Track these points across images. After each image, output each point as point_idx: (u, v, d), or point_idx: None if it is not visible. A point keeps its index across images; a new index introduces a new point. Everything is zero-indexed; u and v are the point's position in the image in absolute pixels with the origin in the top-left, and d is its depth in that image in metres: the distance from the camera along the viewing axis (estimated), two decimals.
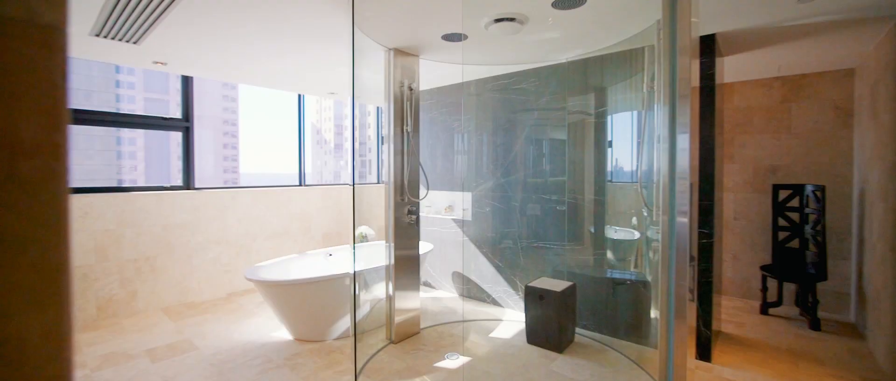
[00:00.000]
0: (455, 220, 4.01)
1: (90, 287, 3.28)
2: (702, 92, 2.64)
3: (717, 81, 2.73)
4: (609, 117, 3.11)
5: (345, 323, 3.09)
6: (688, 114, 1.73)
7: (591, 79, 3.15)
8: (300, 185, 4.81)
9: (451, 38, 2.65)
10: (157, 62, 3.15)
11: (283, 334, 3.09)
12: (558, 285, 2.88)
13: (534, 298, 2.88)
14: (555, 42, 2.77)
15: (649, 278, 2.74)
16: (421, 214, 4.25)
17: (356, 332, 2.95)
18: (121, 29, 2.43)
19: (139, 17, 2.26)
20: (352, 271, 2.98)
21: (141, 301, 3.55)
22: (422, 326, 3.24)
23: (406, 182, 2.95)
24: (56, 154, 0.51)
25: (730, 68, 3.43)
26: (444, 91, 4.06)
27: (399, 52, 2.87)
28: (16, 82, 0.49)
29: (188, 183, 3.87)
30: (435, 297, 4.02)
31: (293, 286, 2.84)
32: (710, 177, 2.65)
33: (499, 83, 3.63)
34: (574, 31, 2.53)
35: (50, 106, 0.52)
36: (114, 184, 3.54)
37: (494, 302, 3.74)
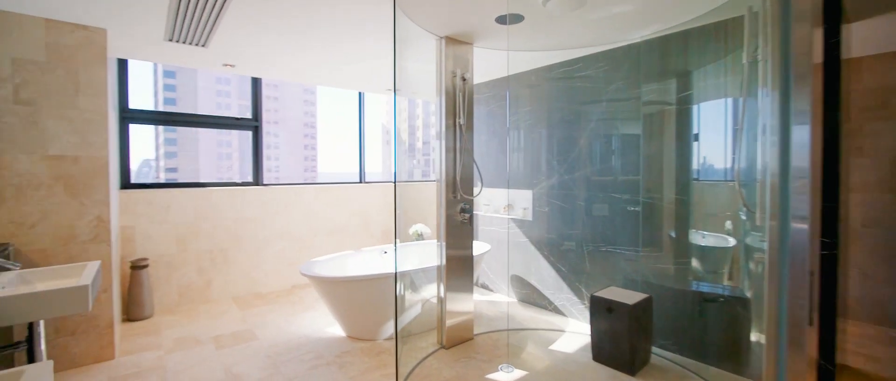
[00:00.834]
0: (514, 219, 3.76)
1: (173, 274, 3.57)
2: (824, 70, 2.12)
3: (844, 54, 2.17)
4: (694, 106, 2.65)
5: (406, 318, 3.00)
6: (808, 99, 1.35)
7: (672, 61, 2.71)
8: (360, 182, 4.87)
9: (505, 20, 2.42)
10: (226, 65, 3.33)
11: (336, 330, 3.09)
12: (631, 297, 2.52)
13: (601, 309, 2.54)
14: (626, 18, 2.42)
15: (749, 295, 2.27)
16: (479, 212, 4.06)
17: (400, 334, 2.84)
18: (187, 31, 2.56)
19: (200, 18, 2.36)
20: (394, 272, 2.88)
21: (215, 290, 3.80)
22: (475, 332, 3.05)
23: (458, 179, 2.77)
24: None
25: (859, 38, 2.76)
26: (502, 83, 3.82)
27: (451, 40, 2.70)
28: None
29: (257, 179, 4.08)
30: (492, 301, 3.80)
31: (345, 283, 2.81)
32: (834, 175, 2.12)
33: (561, 71, 3.31)
34: (650, 1, 2.17)
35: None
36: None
37: (556, 311, 3.43)
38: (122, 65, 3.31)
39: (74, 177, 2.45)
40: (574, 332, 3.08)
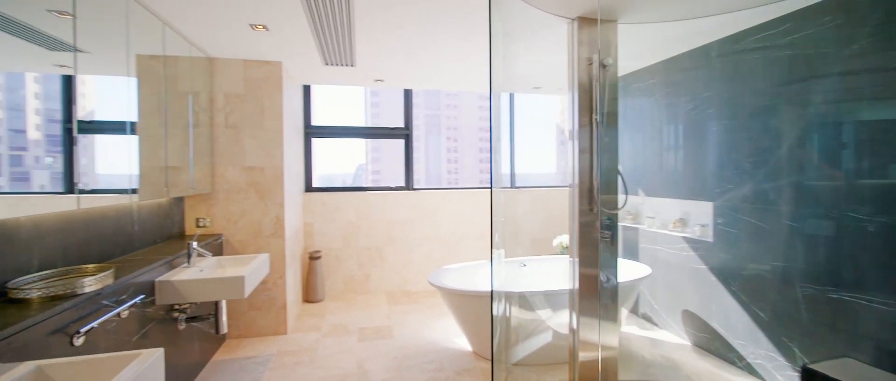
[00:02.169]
0: (688, 238, 2.92)
1: (339, 267, 4.14)
2: None
3: None
4: None
5: (531, 345, 2.70)
6: None
7: None
8: (511, 186, 4.68)
9: None
10: (377, 80, 3.64)
11: (463, 343, 2.99)
12: None
13: None
14: None
15: None
16: (640, 226, 3.34)
17: (525, 362, 2.51)
18: (335, 55, 2.87)
19: (338, 43, 2.59)
20: (501, 289, 2.56)
21: (372, 283, 4.23)
22: (623, 377, 2.47)
23: (596, 187, 2.28)
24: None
25: None
26: (671, 64, 3.01)
27: (585, 21, 2.23)
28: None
29: (408, 184, 4.36)
30: (654, 338, 3.05)
31: (469, 297, 2.68)
32: None
33: (757, 39, 2.37)
34: None
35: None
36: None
37: (749, 370, 2.49)
38: (307, 90, 4.01)
39: (261, 184, 3.05)
40: None
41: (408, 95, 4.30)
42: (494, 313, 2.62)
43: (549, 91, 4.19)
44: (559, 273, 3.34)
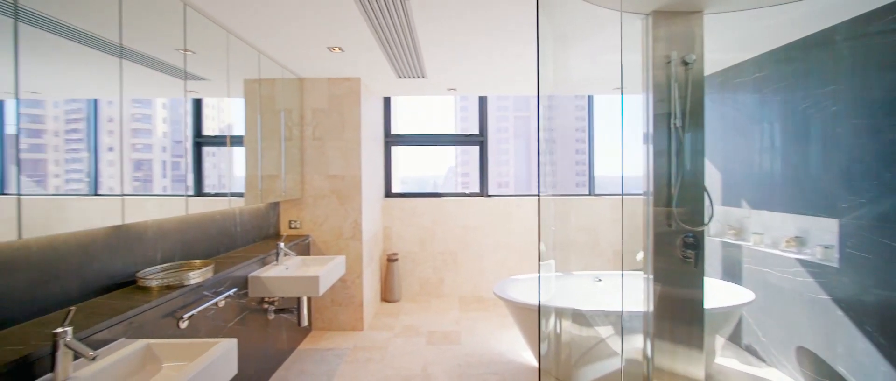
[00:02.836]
0: (806, 261, 2.44)
1: (415, 269, 4.31)
2: None
3: None
4: None
5: (600, 369, 2.52)
6: None
7: None
8: (589, 194, 4.41)
9: None
10: (450, 89, 3.72)
11: (530, 358, 2.89)
12: None
13: None
14: None
15: None
16: (744, 243, 2.88)
17: None
18: (405, 68, 3.01)
19: (405, 57, 2.71)
20: (567, 306, 2.38)
21: (446, 287, 4.32)
22: None
23: (675, 199, 2.03)
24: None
25: None
26: (782, 54, 2.54)
27: (662, 15, 2.01)
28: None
29: (483, 190, 4.36)
30: (759, 376, 2.61)
31: (532, 311, 2.59)
32: None
33: (893, 18, 1.88)
34: None
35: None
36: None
37: None
38: (387, 102, 4.27)
39: (342, 190, 3.33)
40: None
41: (482, 101, 4.31)
42: (554, 330, 2.49)
43: (635, 91, 3.85)
44: (636, 290, 3.04)
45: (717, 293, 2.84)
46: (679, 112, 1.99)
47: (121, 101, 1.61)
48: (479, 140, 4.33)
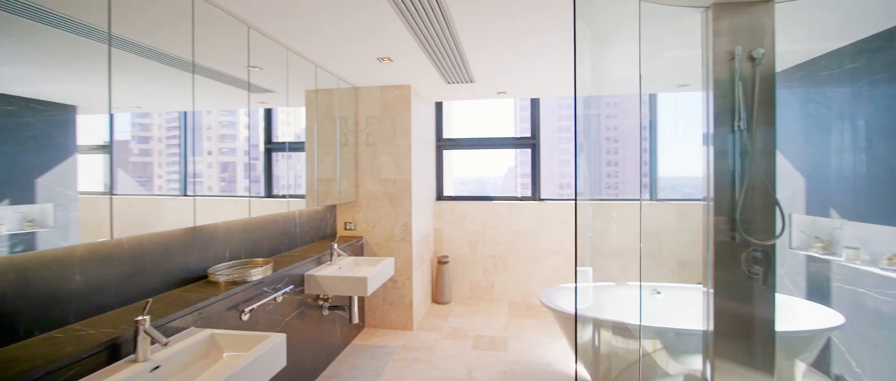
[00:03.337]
0: None
1: (466, 272, 4.33)
2: None
3: None
4: None
5: None
6: None
7: None
8: (650, 198, 4.13)
9: None
10: (500, 92, 3.69)
11: (580, 370, 2.78)
12: None
13: None
14: None
15: None
16: (837, 259, 2.54)
17: None
18: (452, 74, 3.04)
19: (451, 64, 2.74)
20: (614, 319, 2.23)
21: (496, 292, 4.29)
22: None
23: (739, 207, 1.84)
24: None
25: None
26: (882, 41, 2.19)
27: (723, 7, 1.83)
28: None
29: (535, 194, 4.27)
30: None
31: (580, 323, 2.49)
32: None
33: None
34: None
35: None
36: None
37: None
38: (439, 107, 4.34)
39: (393, 194, 3.45)
40: None
41: (534, 104, 4.22)
42: (596, 342, 2.38)
43: (698, 88, 3.54)
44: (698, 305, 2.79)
45: (799, 314, 2.52)
46: (744, 111, 1.81)
47: (192, 112, 1.82)
48: (531, 143, 4.25)
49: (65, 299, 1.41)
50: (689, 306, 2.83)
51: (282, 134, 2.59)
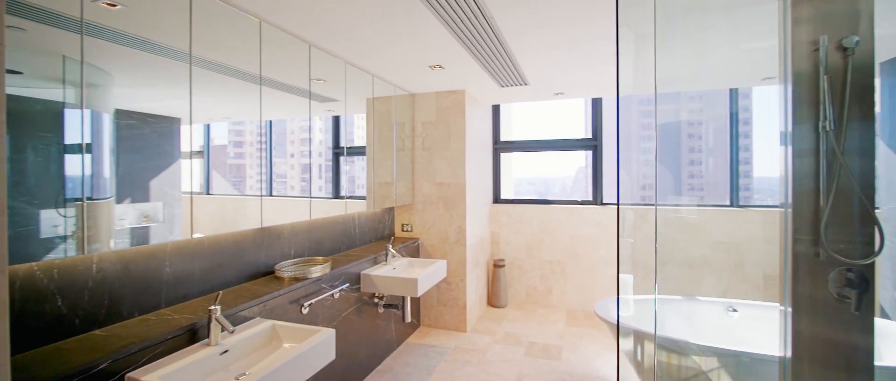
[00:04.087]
0: None
1: (522, 276, 4.26)
2: None
3: None
4: None
5: None
6: None
7: None
8: (731, 205, 3.74)
9: None
10: (557, 93, 3.58)
11: None
12: None
13: None
14: None
15: None
16: None
17: None
18: (504, 77, 3.02)
19: (501, 67, 2.72)
20: (706, 344, 2.03)
21: (554, 298, 4.17)
22: None
23: (824, 218, 1.61)
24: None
25: None
26: None
27: None
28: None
29: (596, 198, 4.07)
30: None
31: (640, 338, 2.34)
32: None
33: None
34: None
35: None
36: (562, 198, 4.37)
37: None
38: (496, 110, 4.33)
39: (448, 197, 3.51)
40: None
41: (596, 104, 4.03)
42: (655, 363, 2.21)
43: (752, 84, 3.12)
44: (766, 322, 2.46)
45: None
46: (830, 108, 1.57)
47: (260, 120, 2.04)
48: (592, 145, 4.06)
49: (157, 287, 1.66)
50: (771, 326, 2.52)
51: (345, 139, 2.81)
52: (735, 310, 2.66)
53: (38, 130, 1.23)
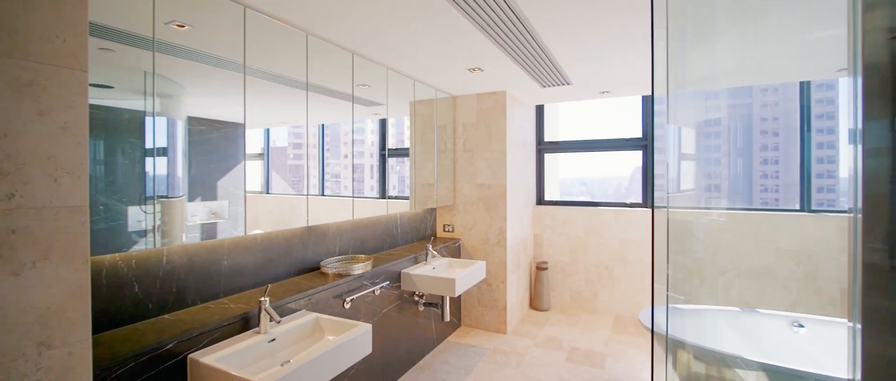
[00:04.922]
0: None
1: (566, 280, 4.17)
2: None
3: None
4: None
5: None
6: None
7: None
8: (801, 210, 3.40)
9: None
10: (603, 92, 3.46)
11: None
12: None
13: None
14: None
15: None
16: None
17: None
18: (544, 77, 2.97)
19: (541, 67, 2.69)
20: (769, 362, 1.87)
21: (600, 303, 4.03)
22: None
23: None
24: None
25: None
26: None
27: None
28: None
29: (646, 201, 3.88)
30: None
31: (687, 350, 2.22)
32: None
33: None
34: None
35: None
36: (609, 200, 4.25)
37: None
38: (539, 110, 4.27)
39: (488, 199, 3.52)
40: None
41: (646, 102, 3.84)
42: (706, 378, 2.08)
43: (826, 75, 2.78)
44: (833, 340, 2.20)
45: None
46: None
47: (307, 124, 2.18)
48: (643, 145, 3.88)
49: (216, 278, 1.83)
50: (843, 345, 2.27)
51: (392, 142, 2.95)
52: (801, 325, 2.43)
53: (127, 136, 1.43)
